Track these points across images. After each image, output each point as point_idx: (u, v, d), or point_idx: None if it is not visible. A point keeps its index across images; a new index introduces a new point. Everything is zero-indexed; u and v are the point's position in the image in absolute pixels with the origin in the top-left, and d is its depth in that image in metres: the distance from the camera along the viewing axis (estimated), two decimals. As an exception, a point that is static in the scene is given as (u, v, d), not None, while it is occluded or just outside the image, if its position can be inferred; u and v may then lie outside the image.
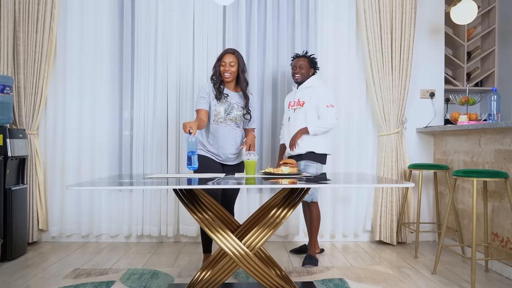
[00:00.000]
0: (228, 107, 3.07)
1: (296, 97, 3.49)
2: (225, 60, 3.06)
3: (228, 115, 3.06)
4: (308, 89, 3.46)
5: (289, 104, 3.56)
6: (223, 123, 3.05)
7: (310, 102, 3.40)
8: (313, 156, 3.37)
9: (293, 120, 3.45)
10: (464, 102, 3.95)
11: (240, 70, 3.09)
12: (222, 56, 3.09)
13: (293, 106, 3.49)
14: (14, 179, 3.53)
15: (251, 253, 2.21)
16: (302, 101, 3.43)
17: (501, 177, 2.81)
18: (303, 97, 3.45)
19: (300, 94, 3.47)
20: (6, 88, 3.48)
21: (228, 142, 3.06)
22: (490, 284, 2.87)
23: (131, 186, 2.14)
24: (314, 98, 3.40)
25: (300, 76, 3.47)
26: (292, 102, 3.52)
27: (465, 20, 3.96)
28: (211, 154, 3.06)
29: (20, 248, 3.51)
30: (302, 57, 3.52)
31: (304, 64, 3.47)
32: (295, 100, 3.48)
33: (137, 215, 4.01)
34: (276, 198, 2.43)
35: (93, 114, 4.02)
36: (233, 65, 3.06)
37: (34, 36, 3.82)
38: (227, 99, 3.08)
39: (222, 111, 3.05)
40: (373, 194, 4.08)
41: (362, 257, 3.57)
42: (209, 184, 2.14)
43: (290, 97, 3.60)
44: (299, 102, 3.45)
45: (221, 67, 3.07)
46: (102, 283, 2.80)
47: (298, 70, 3.47)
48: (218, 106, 3.06)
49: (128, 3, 4.03)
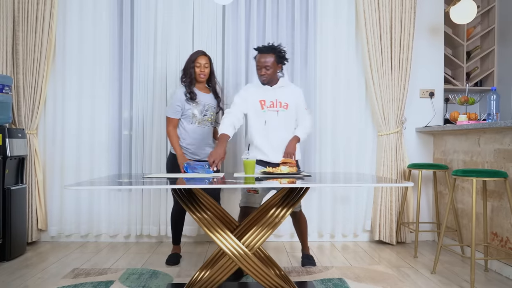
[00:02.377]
0: (204, 108, 3.29)
1: (274, 96, 3.04)
2: (200, 62, 3.27)
3: (204, 116, 3.28)
4: (284, 89, 3.08)
5: (262, 104, 3.03)
6: (201, 123, 3.28)
7: (292, 104, 3.06)
8: (297, 164, 3.10)
9: (274, 122, 3.03)
10: (463, 101, 3.95)
11: (211, 72, 3.36)
12: (196, 57, 3.28)
13: (272, 107, 3.03)
14: (13, 179, 3.52)
15: (250, 252, 2.21)
16: (285, 103, 3.04)
17: (501, 177, 2.81)
18: (283, 97, 3.05)
19: (279, 94, 3.05)
20: (5, 88, 3.48)
21: (207, 141, 3.33)
22: (489, 283, 2.87)
23: (131, 186, 2.14)
24: (295, 99, 3.08)
25: (267, 78, 3.00)
26: (266, 101, 3.04)
27: (464, 20, 3.96)
28: (188, 153, 3.27)
29: (19, 248, 3.50)
30: (268, 52, 2.97)
31: (271, 61, 2.96)
32: (273, 100, 3.04)
33: (136, 215, 4.01)
34: (275, 197, 2.43)
35: (92, 113, 4.01)
36: (207, 66, 3.30)
37: (33, 35, 3.82)
38: (202, 101, 3.28)
39: (198, 113, 3.26)
40: (373, 194, 4.08)
41: (362, 256, 3.56)
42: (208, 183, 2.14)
43: (261, 94, 3.05)
44: (279, 103, 3.03)
45: (196, 68, 3.27)
46: (101, 283, 2.80)
47: (264, 71, 2.97)
48: (193, 108, 3.26)
49: (127, 3, 4.02)
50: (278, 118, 3.03)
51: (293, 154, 2.97)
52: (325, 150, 4.08)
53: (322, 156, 4.08)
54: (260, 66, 2.99)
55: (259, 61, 2.99)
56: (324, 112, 4.08)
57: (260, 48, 3.02)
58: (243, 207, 3.01)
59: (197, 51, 3.35)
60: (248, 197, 2.97)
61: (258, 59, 2.99)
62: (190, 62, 3.27)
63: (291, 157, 2.96)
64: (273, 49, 2.99)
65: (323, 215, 4.08)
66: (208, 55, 3.34)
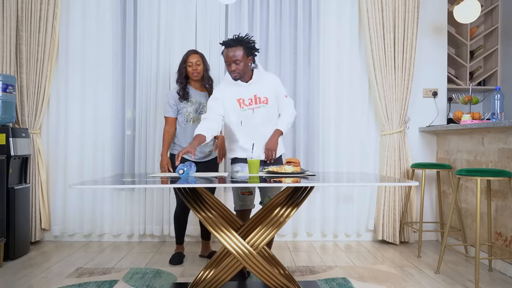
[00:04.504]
0: (199, 106, 3.31)
1: (251, 93, 2.80)
2: (191, 60, 3.30)
3: (199, 114, 3.29)
4: (261, 82, 2.83)
5: (240, 102, 2.80)
6: (195, 122, 3.27)
7: (272, 97, 2.84)
8: (280, 159, 2.95)
9: (254, 121, 2.81)
10: (467, 101, 3.94)
11: (205, 69, 3.35)
12: (187, 57, 3.32)
13: (250, 105, 2.80)
14: (16, 178, 3.53)
15: (254, 252, 2.21)
16: (265, 97, 2.81)
17: (505, 176, 2.80)
18: (261, 92, 2.81)
19: (255, 89, 2.81)
20: (9, 87, 3.48)
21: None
22: (493, 283, 2.86)
23: (134, 185, 2.14)
24: (273, 89, 2.85)
25: (239, 73, 2.73)
26: (245, 100, 2.80)
27: (468, 19, 3.95)
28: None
29: (22, 247, 3.51)
30: (235, 45, 2.70)
31: (240, 54, 2.69)
32: (251, 97, 2.80)
33: (139, 214, 4.02)
34: (280, 197, 2.43)
35: (96, 113, 4.02)
36: (199, 63, 3.31)
37: (37, 35, 3.82)
38: (196, 99, 3.31)
39: (192, 111, 3.29)
40: (376, 194, 4.07)
41: (365, 256, 3.56)
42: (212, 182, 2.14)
43: (237, 92, 2.81)
44: (259, 99, 2.80)
45: (188, 67, 3.31)
46: (105, 282, 2.80)
47: (234, 66, 2.71)
48: (188, 107, 3.29)
49: (130, 3, 4.02)
50: (258, 115, 2.81)
51: (273, 150, 2.79)
52: (328, 150, 4.08)
53: (325, 156, 4.08)
54: (229, 62, 2.72)
55: (227, 56, 2.71)
56: (327, 111, 4.08)
57: (226, 41, 2.75)
58: (240, 210, 2.87)
59: (188, 50, 3.38)
60: (243, 199, 2.86)
61: (226, 54, 2.72)
62: (182, 63, 3.33)
63: (272, 153, 2.79)
64: (240, 41, 2.72)
65: (326, 214, 4.08)
66: (200, 53, 3.35)
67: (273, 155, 2.80)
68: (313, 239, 4.09)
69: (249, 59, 2.76)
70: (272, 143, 2.80)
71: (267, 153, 2.79)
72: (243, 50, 2.71)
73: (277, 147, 2.81)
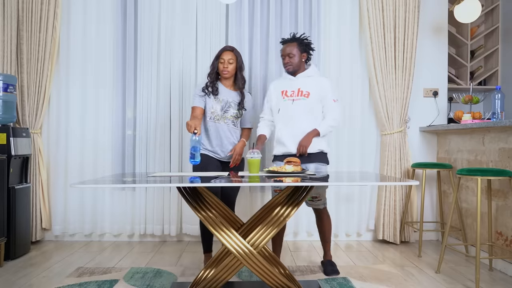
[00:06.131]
0: (225, 105, 3.12)
1: (296, 86, 3.03)
2: (224, 57, 3.11)
3: (225, 113, 3.12)
4: (309, 78, 3.05)
5: (283, 93, 3.06)
6: (220, 120, 3.11)
7: (315, 93, 3.00)
8: (323, 157, 3.06)
9: (292, 112, 3.00)
10: (467, 100, 3.94)
11: (238, 68, 3.15)
12: (221, 53, 3.14)
13: (291, 96, 3.02)
14: (17, 178, 3.53)
15: (255, 251, 2.21)
16: (307, 91, 2.99)
17: (506, 176, 2.80)
18: (305, 86, 3.01)
19: (301, 83, 3.03)
20: (10, 87, 3.49)
21: (226, 139, 3.12)
22: (494, 283, 2.86)
23: (134, 184, 2.14)
24: (320, 89, 3.01)
25: (292, 66, 3.03)
26: (288, 91, 3.05)
27: (468, 19, 3.95)
28: (211, 152, 3.11)
29: (23, 247, 3.51)
30: (290, 42, 3.05)
31: (294, 49, 3.01)
32: (294, 90, 3.03)
33: (140, 214, 4.02)
34: (280, 196, 2.43)
35: (96, 113, 4.02)
36: (231, 62, 3.11)
37: (38, 35, 3.83)
38: (224, 97, 3.13)
39: (219, 109, 3.11)
40: (376, 193, 4.07)
41: (366, 256, 3.56)
42: (212, 182, 2.13)
43: (283, 85, 3.09)
44: (301, 92, 3.00)
45: (220, 64, 3.13)
46: (105, 282, 2.80)
47: (287, 59, 3.03)
48: (215, 103, 3.11)
49: (131, 3, 4.03)
50: (297, 107, 2.99)
51: (305, 147, 2.93)
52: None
53: (325, 156, 4.08)
54: (284, 55, 3.06)
55: (283, 50, 3.06)
56: (327, 111, 4.07)
57: (284, 39, 3.12)
58: None
59: (224, 46, 3.21)
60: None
61: (283, 49, 3.07)
62: (215, 58, 3.16)
63: (304, 150, 2.93)
64: (295, 38, 3.06)
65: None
66: (236, 51, 3.17)
67: (303, 150, 2.94)
68: (313, 239, 4.09)
69: (303, 56, 3.06)
70: (305, 140, 2.95)
71: (298, 148, 2.95)
72: (297, 47, 3.02)
73: (309, 145, 2.95)
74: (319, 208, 3.13)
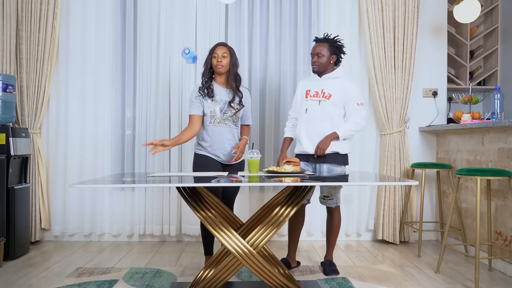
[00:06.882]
0: (224, 105, 3.01)
1: (319, 86, 3.03)
2: (217, 52, 2.99)
3: (224, 114, 3.01)
4: (334, 80, 3.03)
5: (307, 93, 3.07)
6: (221, 123, 3.01)
7: (337, 96, 2.98)
8: (337, 158, 3.01)
9: (315, 112, 3.00)
10: (467, 101, 3.94)
11: (232, 64, 3.02)
12: (214, 48, 3.02)
13: (314, 97, 3.02)
14: (16, 178, 3.53)
15: (254, 251, 2.21)
16: (329, 93, 2.98)
17: (505, 176, 2.80)
18: (328, 88, 3.00)
19: (325, 84, 3.02)
20: (9, 87, 3.49)
21: (227, 142, 3.03)
22: (493, 283, 2.86)
23: (134, 184, 2.14)
24: (343, 92, 2.99)
25: (318, 65, 3.01)
26: (312, 91, 3.04)
27: (468, 19, 3.95)
28: (212, 154, 3.03)
29: (22, 247, 3.51)
30: (322, 42, 3.03)
31: (324, 50, 3.00)
32: (318, 90, 3.02)
33: (139, 214, 4.01)
34: (279, 196, 2.43)
35: (96, 113, 4.02)
36: (225, 56, 2.98)
37: (37, 35, 3.82)
38: (221, 97, 3.02)
39: (218, 110, 3.00)
40: (376, 193, 4.07)
41: (365, 256, 3.56)
42: (212, 182, 2.14)
43: (308, 84, 3.10)
44: (323, 93, 3.00)
45: (213, 59, 3.00)
46: (105, 282, 2.80)
47: (316, 59, 3.01)
48: (213, 106, 2.99)
49: (130, 3, 4.03)
50: (317, 107, 3.00)
51: (323, 150, 2.93)
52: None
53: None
54: (313, 54, 3.05)
55: (313, 49, 3.05)
56: (327, 111, 4.07)
57: (317, 38, 3.11)
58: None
59: (217, 42, 3.12)
60: None
61: (313, 48, 3.06)
62: (208, 54, 3.04)
63: (321, 151, 2.93)
64: (327, 39, 3.05)
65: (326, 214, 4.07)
66: (229, 46, 3.05)
67: (321, 153, 2.94)
68: (313, 239, 4.09)
69: (332, 57, 3.03)
70: (323, 143, 2.95)
71: (316, 149, 2.96)
72: (328, 47, 3.00)
73: (326, 147, 2.95)
74: (330, 207, 3.14)
